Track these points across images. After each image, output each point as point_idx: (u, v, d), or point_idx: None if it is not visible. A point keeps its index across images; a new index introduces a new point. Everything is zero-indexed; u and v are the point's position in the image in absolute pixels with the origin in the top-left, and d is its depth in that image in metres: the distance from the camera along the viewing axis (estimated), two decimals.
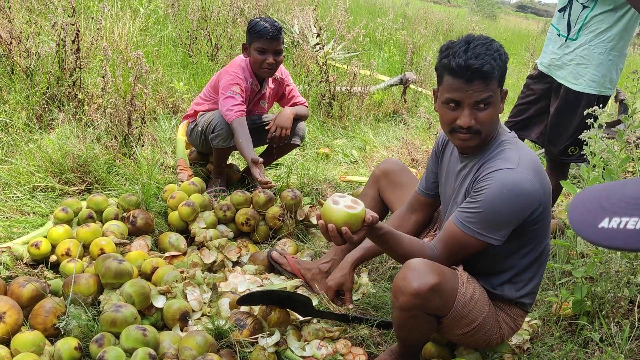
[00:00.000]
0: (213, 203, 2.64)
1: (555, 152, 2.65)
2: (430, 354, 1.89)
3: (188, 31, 4.94)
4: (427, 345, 1.89)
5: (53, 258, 2.13)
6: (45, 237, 2.17)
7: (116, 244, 2.20)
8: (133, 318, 1.74)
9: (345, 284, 2.05)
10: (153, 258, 2.17)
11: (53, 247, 2.15)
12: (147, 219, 2.43)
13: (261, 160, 2.57)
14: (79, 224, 2.30)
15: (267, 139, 2.88)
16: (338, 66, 5.27)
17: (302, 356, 1.86)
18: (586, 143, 2.10)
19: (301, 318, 2.01)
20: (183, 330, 1.89)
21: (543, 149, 2.81)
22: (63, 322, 1.73)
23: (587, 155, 2.10)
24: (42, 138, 2.88)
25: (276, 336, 1.85)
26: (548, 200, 1.63)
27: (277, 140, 2.85)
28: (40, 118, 3.10)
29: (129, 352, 1.62)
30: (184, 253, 2.35)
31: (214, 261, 2.32)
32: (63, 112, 3.10)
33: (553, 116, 2.60)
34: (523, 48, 9.97)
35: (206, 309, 2.00)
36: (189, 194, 2.60)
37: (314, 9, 5.19)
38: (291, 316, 1.98)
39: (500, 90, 1.61)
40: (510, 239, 1.61)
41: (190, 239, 2.49)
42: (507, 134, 1.68)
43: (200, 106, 2.93)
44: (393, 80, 5.30)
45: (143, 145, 3.14)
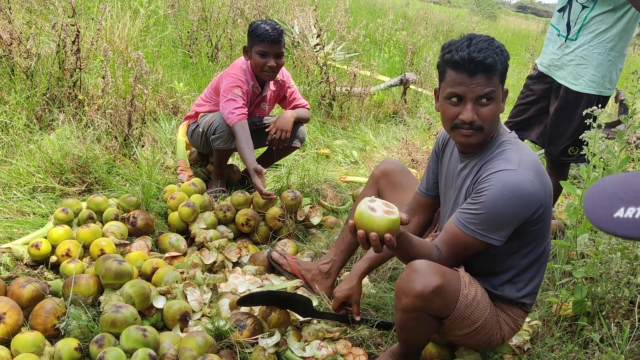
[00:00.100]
0: (213, 204, 2.65)
1: (555, 153, 2.65)
2: (430, 355, 1.89)
3: (188, 32, 4.95)
4: (428, 345, 1.88)
5: (53, 259, 2.14)
6: (45, 238, 2.17)
7: (116, 245, 2.20)
8: (133, 319, 1.74)
9: (353, 297, 2.04)
10: (153, 259, 2.17)
11: (53, 248, 2.16)
12: (147, 220, 2.43)
13: (265, 171, 2.57)
14: (79, 225, 2.30)
15: (267, 141, 2.88)
16: (338, 67, 5.27)
17: (302, 357, 1.86)
18: (586, 143, 2.10)
19: (301, 319, 2.01)
20: (183, 330, 1.89)
21: (543, 150, 2.81)
22: (63, 323, 1.73)
23: (587, 155, 2.10)
24: (42, 139, 2.88)
25: (276, 337, 1.85)
26: (549, 200, 1.63)
27: (277, 143, 2.85)
28: (40, 119, 3.10)
29: (129, 353, 1.62)
30: (184, 254, 2.35)
31: (214, 262, 2.32)
32: (63, 113, 3.10)
33: (553, 116, 2.60)
34: (523, 48, 9.98)
35: (206, 310, 2.00)
36: (189, 195, 2.60)
37: (314, 10, 5.19)
38: (291, 317, 1.98)
39: (501, 87, 1.61)
40: (511, 239, 1.61)
41: (190, 240, 2.49)
42: (508, 134, 1.68)
43: (201, 107, 2.93)
44: (393, 80, 5.30)
45: (143, 145, 3.15)
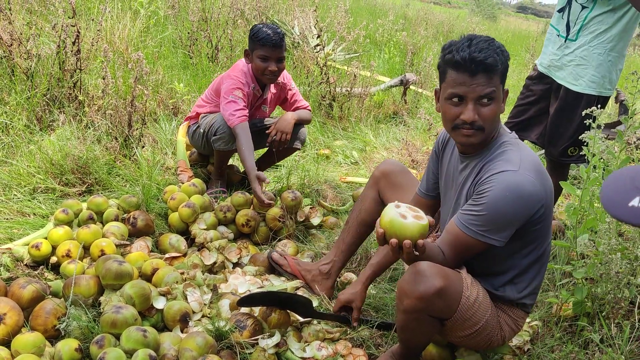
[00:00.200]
0: (213, 204, 2.65)
1: (555, 153, 2.65)
2: (431, 355, 1.89)
3: (188, 32, 4.95)
4: (428, 346, 1.88)
5: (53, 259, 2.14)
6: (45, 239, 2.17)
7: (116, 245, 2.20)
8: (133, 319, 1.74)
9: (354, 302, 2.03)
10: (153, 259, 2.17)
11: (53, 249, 2.16)
12: (148, 220, 2.43)
13: (268, 180, 2.56)
14: (80, 225, 2.30)
15: (267, 143, 2.88)
16: (338, 67, 5.27)
17: (303, 357, 1.86)
18: (586, 144, 2.10)
19: (301, 319, 2.01)
20: (183, 331, 1.89)
21: (543, 150, 2.81)
22: (63, 324, 1.73)
23: (587, 156, 2.10)
24: (43, 139, 2.89)
25: (276, 337, 1.85)
26: (550, 201, 1.63)
27: (277, 145, 2.84)
28: (40, 119, 3.10)
29: (130, 354, 1.62)
30: (185, 254, 2.35)
31: (215, 262, 2.32)
32: (63, 114, 3.11)
33: (553, 117, 2.60)
34: (523, 49, 9.98)
35: (206, 310, 2.00)
36: (190, 195, 2.60)
37: (314, 10, 5.19)
38: (291, 317, 1.98)
39: (502, 88, 1.61)
40: (512, 240, 1.61)
41: (190, 240, 2.49)
42: (508, 135, 1.68)
43: (202, 108, 2.93)
44: (393, 81, 5.30)
45: (143, 146, 3.15)
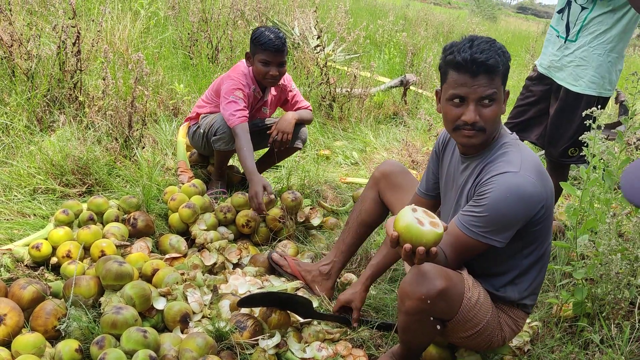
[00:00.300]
0: (213, 205, 2.65)
1: (555, 154, 2.65)
2: (431, 356, 1.89)
3: (189, 33, 4.95)
4: (428, 347, 1.88)
5: (54, 260, 2.14)
6: (46, 239, 2.17)
7: (117, 246, 2.21)
8: (134, 320, 1.74)
9: (354, 302, 2.04)
10: (154, 260, 2.17)
11: (54, 249, 2.16)
12: (148, 221, 2.43)
13: (272, 196, 2.56)
14: (80, 226, 2.31)
15: (269, 144, 2.88)
16: (338, 68, 5.27)
17: (303, 358, 1.86)
18: (586, 144, 2.10)
19: (302, 320, 2.01)
20: (183, 332, 1.89)
21: (543, 151, 2.81)
22: (64, 324, 1.73)
23: (587, 156, 2.10)
24: (43, 140, 2.89)
25: (277, 338, 1.85)
26: (551, 201, 1.64)
27: (278, 145, 2.85)
28: (41, 120, 3.10)
29: (130, 354, 1.62)
30: (185, 255, 2.36)
31: (215, 263, 2.32)
32: (64, 114, 3.11)
33: (553, 117, 2.60)
34: (523, 49, 9.98)
35: (207, 311, 2.00)
36: (190, 196, 2.60)
37: (315, 11, 5.20)
38: (292, 318, 1.98)
39: (503, 88, 1.62)
40: (512, 240, 1.61)
41: (190, 241, 2.49)
42: (509, 136, 1.68)
43: (202, 109, 2.93)
44: (393, 82, 5.30)
45: (144, 147, 3.15)
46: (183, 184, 2.74)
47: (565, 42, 2.51)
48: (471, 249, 1.61)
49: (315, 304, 2.10)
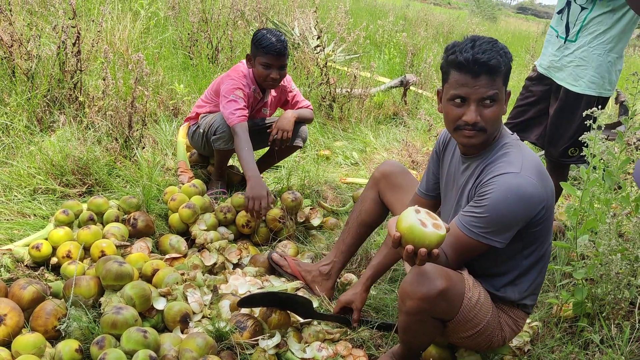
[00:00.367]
0: (213, 205, 2.65)
1: (555, 154, 2.65)
2: (431, 356, 1.89)
3: (189, 33, 4.95)
4: (428, 347, 1.88)
5: (54, 260, 2.14)
6: (46, 240, 2.17)
7: (117, 246, 2.21)
8: (134, 320, 1.74)
9: (354, 303, 2.03)
10: (154, 260, 2.17)
11: (54, 250, 2.16)
12: (148, 221, 2.44)
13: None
14: (80, 226, 2.31)
15: (269, 142, 2.88)
16: (338, 68, 5.27)
17: (303, 358, 1.86)
18: (586, 144, 2.10)
19: (302, 320, 2.01)
20: (184, 332, 1.89)
21: (543, 151, 2.81)
22: (64, 324, 1.73)
23: (587, 156, 2.10)
24: (43, 140, 2.89)
25: (277, 338, 1.85)
26: (551, 202, 1.64)
27: (279, 143, 2.85)
28: (41, 120, 3.10)
29: (130, 354, 1.62)
30: (185, 255, 2.36)
31: (215, 263, 2.32)
32: (64, 115, 3.11)
33: (553, 118, 2.60)
34: (523, 50, 9.98)
35: (207, 311, 2.00)
36: (190, 196, 2.60)
37: (315, 11, 5.20)
38: (292, 318, 1.98)
39: (504, 89, 1.62)
40: (513, 241, 1.61)
41: (190, 241, 2.49)
42: (510, 136, 1.68)
43: (201, 109, 2.93)
44: (393, 82, 5.31)
45: (144, 147, 3.15)
46: (183, 184, 2.74)
47: (565, 43, 2.51)
48: (472, 250, 1.61)
49: (315, 304, 2.10)
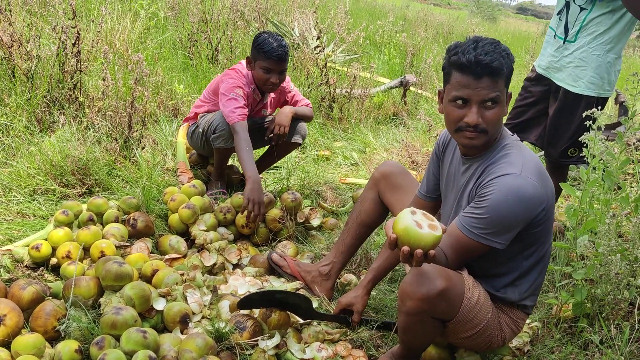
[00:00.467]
0: (213, 205, 2.65)
1: (554, 154, 2.65)
2: (430, 356, 1.89)
3: (188, 34, 4.95)
4: (428, 347, 1.88)
5: (53, 261, 2.14)
6: (45, 240, 2.17)
7: (116, 247, 2.21)
8: (133, 320, 1.74)
9: (355, 305, 2.03)
10: (153, 260, 2.17)
11: (53, 250, 2.16)
12: (148, 222, 2.43)
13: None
14: (80, 227, 2.31)
15: (266, 137, 2.87)
16: (338, 69, 5.28)
17: (302, 359, 1.86)
18: (586, 145, 2.10)
19: (301, 320, 2.01)
20: (183, 332, 1.89)
21: (542, 151, 2.81)
22: (63, 325, 1.73)
23: (587, 157, 2.10)
24: (43, 141, 2.89)
25: (276, 338, 1.85)
26: (552, 203, 1.64)
27: (275, 138, 2.84)
28: (40, 121, 3.10)
29: (130, 355, 1.62)
30: (184, 255, 2.36)
31: (214, 264, 2.32)
32: (64, 115, 3.11)
33: (552, 118, 2.60)
34: (523, 50, 9.98)
35: (206, 312, 2.00)
36: (190, 197, 2.60)
37: (314, 12, 5.20)
38: (291, 318, 1.98)
39: (506, 91, 1.62)
40: (513, 242, 1.61)
41: (190, 242, 2.49)
42: (510, 137, 1.68)
43: (200, 108, 2.93)
44: (393, 82, 5.31)
45: (143, 147, 3.15)
46: (183, 185, 2.74)
47: (564, 43, 2.51)
48: (472, 251, 1.61)
49: (315, 305, 2.10)
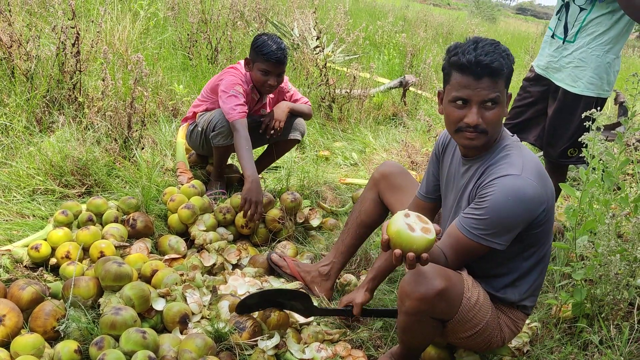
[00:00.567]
0: (213, 206, 2.65)
1: (554, 155, 2.66)
2: (430, 357, 1.89)
3: (188, 34, 4.95)
4: (427, 347, 1.88)
5: (53, 261, 2.14)
6: (45, 240, 2.17)
7: (116, 247, 2.21)
8: (133, 321, 1.74)
9: (355, 300, 2.04)
10: (153, 261, 2.17)
11: (53, 250, 2.16)
12: (147, 222, 2.43)
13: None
14: (79, 227, 2.30)
15: (261, 130, 2.86)
16: (338, 69, 5.28)
17: (302, 359, 1.86)
18: (585, 145, 2.10)
19: (301, 320, 2.01)
20: (183, 333, 1.89)
21: (542, 152, 2.81)
22: (63, 325, 1.73)
23: (586, 157, 2.10)
24: (42, 141, 2.89)
25: (276, 339, 1.85)
26: (552, 203, 1.64)
27: (270, 131, 2.83)
28: (40, 121, 3.10)
29: (129, 355, 1.62)
30: (184, 256, 2.36)
31: (214, 264, 2.32)
32: (63, 115, 3.11)
33: (551, 118, 2.60)
34: (523, 50, 9.98)
35: (206, 312, 2.00)
36: (189, 197, 2.60)
37: (314, 12, 5.20)
38: (291, 319, 1.98)
39: (506, 92, 1.62)
40: (513, 242, 1.61)
41: (190, 242, 2.49)
42: (510, 138, 1.69)
43: (198, 107, 2.92)
44: (393, 82, 5.31)
45: (143, 148, 3.15)
46: (182, 185, 2.74)
47: (563, 43, 2.51)
48: (472, 251, 1.61)
49: (314, 303, 2.10)
